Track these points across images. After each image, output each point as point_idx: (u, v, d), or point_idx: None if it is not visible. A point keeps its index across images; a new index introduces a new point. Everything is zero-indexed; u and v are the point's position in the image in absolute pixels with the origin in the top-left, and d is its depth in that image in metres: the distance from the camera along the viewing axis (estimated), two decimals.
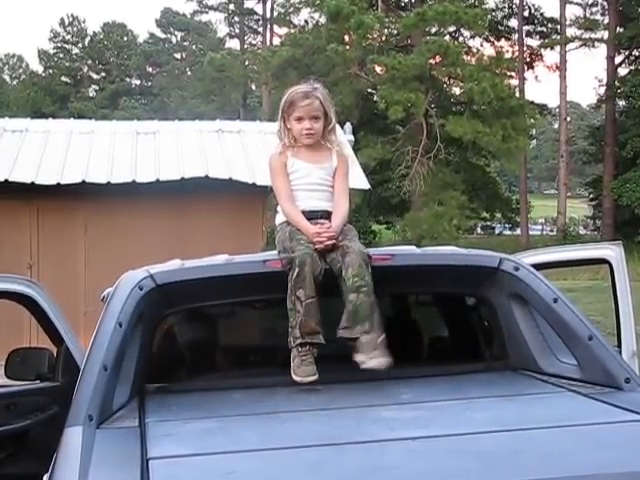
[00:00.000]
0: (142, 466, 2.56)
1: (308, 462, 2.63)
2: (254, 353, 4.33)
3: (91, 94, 78.72)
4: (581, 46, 47.61)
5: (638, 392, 3.28)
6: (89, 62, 78.53)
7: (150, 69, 78.51)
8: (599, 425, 2.92)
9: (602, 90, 47.11)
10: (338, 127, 4.04)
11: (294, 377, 3.48)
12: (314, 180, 3.81)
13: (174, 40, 77.83)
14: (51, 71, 76.40)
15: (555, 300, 3.55)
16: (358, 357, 3.49)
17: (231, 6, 66.20)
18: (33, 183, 12.48)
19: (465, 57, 38.85)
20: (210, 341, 4.34)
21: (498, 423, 2.96)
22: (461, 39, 46.02)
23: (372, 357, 3.46)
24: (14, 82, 79.40)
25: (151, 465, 2.57)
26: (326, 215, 3.76)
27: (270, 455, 2.70)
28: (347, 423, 3.03)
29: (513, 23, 50.33)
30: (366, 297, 3.50)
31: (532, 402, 3.32)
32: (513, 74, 43.60)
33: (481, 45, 48.14)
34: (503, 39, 49.52)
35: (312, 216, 3.73)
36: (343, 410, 3.22)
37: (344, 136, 12.82)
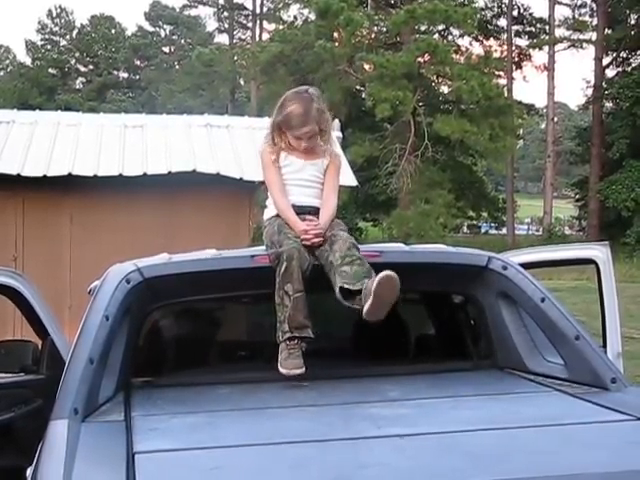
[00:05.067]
0: (128, 460, 2.55)
1: (294, 458, 2.62)
2: (241, 348, 4.33)
3: (78, 86, 78.45)
4: (569, 47, 47.87)
5: (624, 392, 3.29)
6: (77, 54, 78.23)
7: (138, 62, 78.23)
8: (585, 425, 2.93)
9: (590, 91, 47.35)
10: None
11: (280, 369, 3.47)
12: (305, 176, 3.81)
13: (163, 34, 77.61)
14: (38, 63, 76.04)
15: (543, 300, 3.55)
16: (366, 294, 3.34)
17: (221, 1, 66.12)
18: (19, 175, 12.40)
19: (454, 56, 38.99)
20: (197, 335, 4.34)
21: (485, 422, 2.96)
22: (450, 38, 46.22)
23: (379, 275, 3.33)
24: (1, 73, 79.03)
25: (137, 459, 2.56)
26: (315, 211, 3.76)
27: (256, 451, 2.70)
28: (334, 420, 3.03)
29: (502, 23, 50.53)
30: (360, 267, 3.44)
31: (519, 401, 3.33)
32: (501, 74, 43.80)
33: (470, 44, 48.40)
34: (492, 38, 49.71)
35: (301, 211, 3.73)
36: (330, 407, 3.21)
37: (333, 133, 12.82)
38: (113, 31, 78.28)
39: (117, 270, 3.54)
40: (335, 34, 37.71)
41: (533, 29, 50.76)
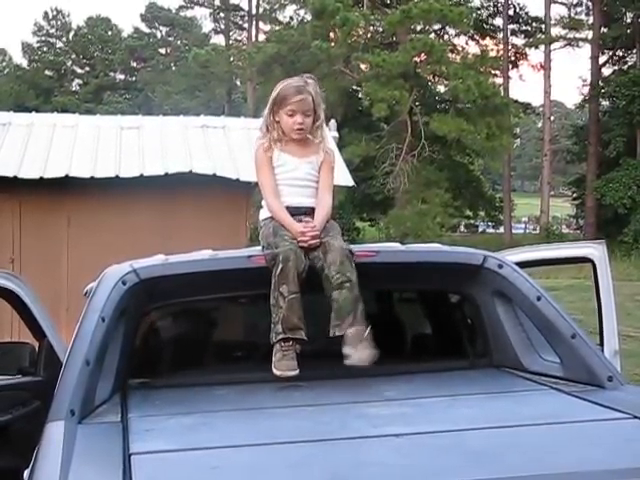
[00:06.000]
0: (124, 461, 2.55)
1: (292, 458, 2.62)
2: (238, 349, 4.32)
3: (75, 88, 78.35)
4: (565, 46, 47.88)
5: (620, 390, 3.30)
6: (73, 56, 78.15)
7: (134, 64, 78.17)
8: (581, 423, 2.93)
9: (586, 90, 47.32)
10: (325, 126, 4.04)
11: (274, 371, 3.48)
12: (300, 175, 3.80)
13: (159, 35, 77.56)
14: (35, 65, 75.98)
15: (538, 298, 3.56)
16: (345, 350, 3.48)
17: (216, 1, 66.02)
18: (16, 177, 12.41)
19: (450, 55, 39.06)
20: (194, 336, 4.33)
21: (481, 420, 2.97)
22: (446, 37, 46.23)
23: (357, 350, 3.45)
24: None
25: (133, 460, 2.56)
26: (310, 211, 3.75)
27: (254, 451, 2.70)
28: (331, 419, 3.03)
29: (498, 22, 50.58)
30: (349, 293, 3.49)
31: (515, 400, 3.33)
32: (498, 73, 43.79)
33: (466, 43, 48.43)
34: (488, 38, 49.71)
35: (296, 212, 3.72)
36: (327, 406, 3.22)
37: (329, 133, 12.82)
38: (109, 33, 78.20)
39: (113, 271, 3.54)
40: (331, 34, 37.68)
41: (529, 28, 50.77)
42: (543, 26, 48.39)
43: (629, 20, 45.78)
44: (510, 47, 48.70)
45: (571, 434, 2.82)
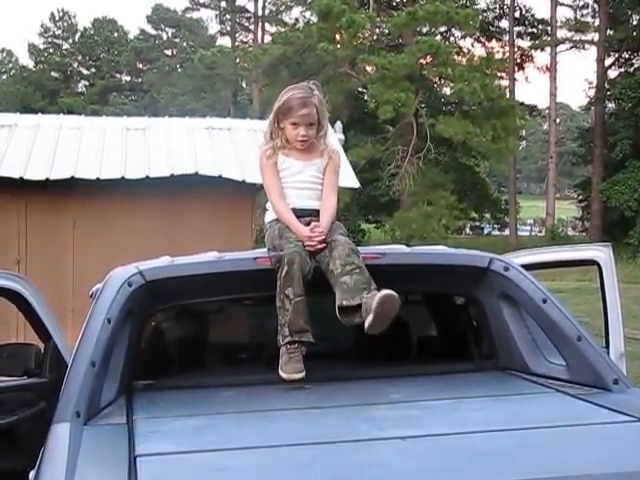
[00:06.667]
0: (130, 463, 2.55)
1: (298, 460, 2.62)
2: (244, 350, 4.32)
3: (81, 90, 78.45)
4: (571, 48, 47.93)
5: (626, 393, 3.29)
6: (79, 58, 78.23)
7: (140, 65, 78.24)
8: (587, 426, 2.93)
9: (592, 92, 47.29)
10: (330, 128, 4.04)
11: (281, 374, 3.48)
12: (305, 178, 3.81)
13: (165, 37, 77.61)
14: (41, 66, 76.09)
15: (544, 300, 3.55)
16: (364, 309, 3.38)
17: (223, 3, 66.19)
18: (22, 178, 12.42)
19: (456, 57, 39.09)
20: (199, 338, 4.33)
21: (487, 423, 2.96)
22: (452, 39, 46.27)
23: (378, 293, 3.36)
24: (4, 77, 78.98)
25: (139, 462, 2.56)
26: (316, 214, 3.76)
27: (260, 453, 2.69)
28: (337, 422, 3.02)
29: (504, 24, 50.56)
30: (359, 276, 3.46)
31: (520, 402, 3.33)
32: (503, 75, 43.85)
33: (472, 45, 48.49)
34: (494, 40, 49.77)
35: (302, 214, 3.73)
36: (333, 409, 3.21)
37: (334, 135, 12.82)
38: (115, 34, 78.28)
39: (119, 273, 3.54)
40: (337, 36, 37.73)
41: (535, 30, 50.78)
42: (549, 28, 48.41)
43: (635, 22, 45.77)
44: (516, 49, 48.71)
45: (576, 437, 2.82)
